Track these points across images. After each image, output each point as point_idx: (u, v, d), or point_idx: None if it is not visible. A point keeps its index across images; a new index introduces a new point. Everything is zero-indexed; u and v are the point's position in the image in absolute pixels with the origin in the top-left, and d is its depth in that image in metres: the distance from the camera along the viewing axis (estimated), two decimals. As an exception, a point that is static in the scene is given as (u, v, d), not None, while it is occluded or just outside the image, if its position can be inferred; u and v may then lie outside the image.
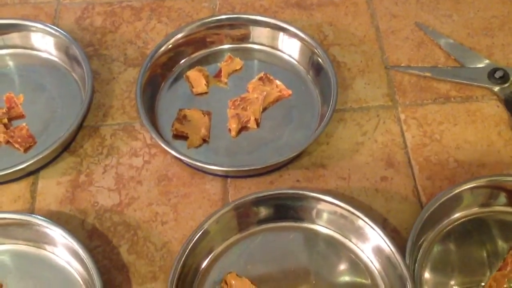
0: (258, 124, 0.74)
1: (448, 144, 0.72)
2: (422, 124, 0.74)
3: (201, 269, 0.63)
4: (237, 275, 0.62)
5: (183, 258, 0.60)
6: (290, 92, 0.76)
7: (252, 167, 0.67)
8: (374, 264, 0.62)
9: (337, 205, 0.61)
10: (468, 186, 0.64)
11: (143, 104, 0.73)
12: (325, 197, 0.62)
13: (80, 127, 0.75)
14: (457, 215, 0.65)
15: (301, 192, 0.63)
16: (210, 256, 0.64)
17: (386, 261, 0.60)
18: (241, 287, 0.62)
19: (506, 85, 0.74)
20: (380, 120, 0.74)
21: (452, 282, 0.62)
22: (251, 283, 0.62)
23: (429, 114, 0.75)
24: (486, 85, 0.75)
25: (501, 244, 0.64)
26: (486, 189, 0.64)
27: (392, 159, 0.71)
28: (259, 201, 0.63)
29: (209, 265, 0.63)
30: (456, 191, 0.63)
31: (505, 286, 0.61)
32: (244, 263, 0.63)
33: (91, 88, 0.73)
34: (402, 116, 0.75)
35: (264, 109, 0.75)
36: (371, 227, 0.60)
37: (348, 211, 0.61)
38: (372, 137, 0.73)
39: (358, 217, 0.61)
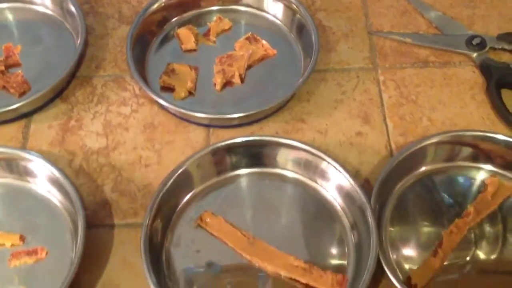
0: (242, 80, 0.77)
1: (423, 105, 0.75)
2: (399, 86, 0.77)
3: (179, 206, 0.66)
4: (212, 213, 0.65)
5: (161, 193, 0.63)
6: (275, 51, 0.79)
7: (234, 115, 0.70)
8: (338, 201, 0.65)
9: (304, 149, 0.65)
10: (434, 140, 0.66)
11: (133, 58, 0.76)
12: (293, 142, 0.66)
13: (73, 76, 0.78)
14: (423, 168, 0.68)
15: (271, 138, 0.67)
16: (188, 195, 0.67)
17: (348, 196, 0.64)
18: (216, 224, 0.65)
19: (483, 51, 0.77)
20: (360, 80, 0.78)
21: (415, 228, 0.64)
22: (225, 221, 0.65)
23: (407, 77, 0.78)
24: (464, 51, 0.78)
25: (463, 196, 0.66)
26: (450, 144, 0.67)
27: (368, 117, 0.74)
28: (235, 147, 0.66)
29: (187, 203, 0.67)
30: (423, 143, 0.66)
31: (465, 233, 0.63)
32: (220, 204, 0.67)
33: (84, 40, 0.77)
34: (381, 78, 0.78)
35: (250, 67, 0.79)
36: (334, 167, 0.64)
37: (314, 155, 0.65)
38: (351, 96, 0.76)
39: (323, 159, 0.64)
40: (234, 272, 0.63)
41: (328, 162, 0.64)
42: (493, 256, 0.62)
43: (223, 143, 0.66)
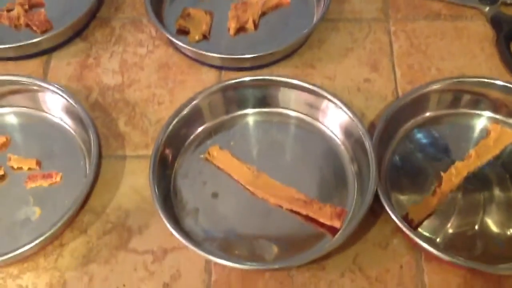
0: (256, 26, 0.79)
1: (432, 55, 0.76)
2: (410, 37, 0.78)
3: (188, 140, 0.69)
4: (220, 148, 0.68)
5: (170, 126, 0.66)
6: (289, 0, 0.81)
7: (245, 56, 0.72)
8: (339, 137, 0.68)
9: (306, 88, 0.67)
10: (438, 86, 0.68)
11: (151, 1, 0.78)
12: (296, 82, 0.68)
13: (93, 17, 0.81)
14: (427, 114, 0.69)
15: (276, 78, 0.69)
16: (198, 130, 0.70)
17: (348, 131, 0.66)
18: (222, 158, 0.67)
19: (495, 5, 0.78)
20: (371, 31, 0.79)
21: (417, 170, 0.66)
22: (231, 155, 0.67)
23: (418, 28, 0.79)
24: (476, 5, 0.79)
25: (465, 142, 0.68)
26: (453, 91, 0.68)
27: (377, 65, 0.76)
28: (243, 86, 0.69)
29: (196, 138, 0.70)
30: (427, 89, 0.67)
31: (464, 175, 0.65)
32: (227, 140, 0.69)
33: (105, -18, 0.79)
34: (392, 29, 0.79)
35: (264, 14, 0.81)
36: (335, 104, 0.67)
37: (316, 93, 0.67)
38: (362, 45, 0.78)
39: (324, 97, 0.67)
40: (238, 203, 0.65)
41: (329, 100, 0.66)
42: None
43: (232, 81, 0.68)
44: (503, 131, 0.67)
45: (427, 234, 0.62)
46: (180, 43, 0.74)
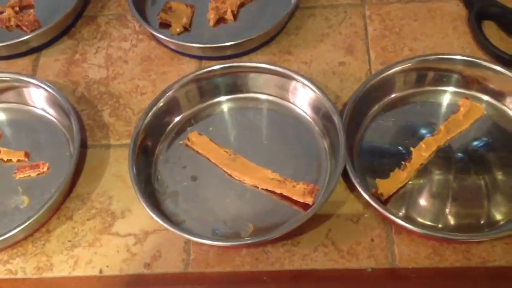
0: (235, 17, 0.82)
1: (405, 36, 0.78)
2: (384, 19, 0.80)
3: (168, 128, 0.72)
4: (198, 133, 0.71)
5: (148, 116, 0.69)
6: (267, -11, 0.83)
7: (223, 44, 0.74)
8: (309, 115, 0.71)
9: (274, 71, 0.70)
10: (402, 66, 0.70)
11: (134, -2, 0.82)
12: (261, 65, 0.71)
13: (80, 16, 0.84)
14: (394, 94, 0.71)
15: (245, 64, 0.72)
16: (177, 119, 0.73)
17: (317, 107, 0.69)
18: (201, 142, 0.70)
19: (467, -16, 0.79)
20: (347, 15, 0.81)
21: (388, 147, 0.68)
22: (210, 140, 0.70)
23: (392, 11, 0.81)
24: (449, -14, 0.80)
25: (436, 118, 0.69)
26: (418, 69, 0.70)
27: (352, 48, 0.78)
28: (215, 75, 0.72)
29: (175, 125, 0.72)
30: (393, 69, 0.69)
31: (433, 149, 0.67)
32: (205, 126, 0.72)
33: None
34: (368, 13, 0.81)
35: (243, 5, 0.83)
36: (302, 83, 0.69)
37: (284, 75, 0.70)
38: (337, 30, 0.80)
39: (292, 78, 0.70)
40: (216, 185, 0.67)
41: (296, 80, 0.69)
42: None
43: (202, 71, 0.71)
44: (472, 105, 0.69)
45: (398, 208, 0.63)
46: (160, 36, 0.77)
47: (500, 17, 0.76)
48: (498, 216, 0.62)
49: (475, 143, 0.67)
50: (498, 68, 0.67)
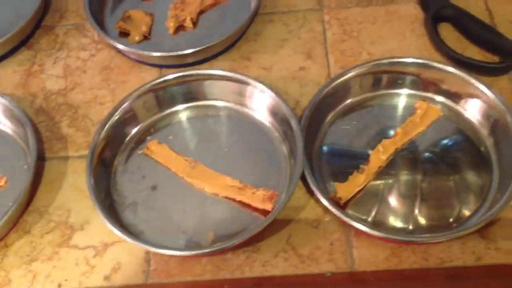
0: (194, 24, 0.82)
1: (364, 40, 0.78)
2: (343, 24, 0.80)
3: (127, 138, 0.71)
4: (158, 142, 0.70)
5: (106, 126, 0.68)
6: (227, -3, 0.84)
7: (181, 52, 0.74)
8: (268, 120, 0.71)
9: (229, 77, 0.70)
10: (357, 71, 0.70)
11: (93, 8, 0.81)
12: (216, 72, 0.71)
13: (38, 26, 0.84)
14: (350, 100, 0.72)
15: (199, 71, 0.72)
16: (135, 129, 0.72)
17: (275, 112, 0.69)
18: (160, 151, 0.70)
19: (424, -13, 0.80)
20: (306, 21, 0.81)
21: (347, 150, 0.68)
22: (169, 149, 0.70)
23: (351, 15, 0.81)
24: (406, -12, 0.81)
25: (393, 121, 0.70)
26: (373, 74, 0.71)
27: (311, 53, 0.78)
28: (170, 84, 0.72)
29: (134, 136, 0.72)
30: (348, 74, 0.70)
31: (391, 152, 0.67)
32: (166, 135, 0.72)
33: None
34: (327, 18, 0.81)
35: (202, 12, 0.83)
36: (259, 89, 0.69)
37: (239, 81, 0.70)
38: (297, 35, 0.80)
39: (247, 83, 0.70)
40: (176, 193, 0.67)
41: (252, 85, 0.69)
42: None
43: (156, 81, 0.71)
44: (429, 107, 0.69)
45: (359, 210, 0.63)
46: (118, 45, 0.77)
47: (455, 19, 0.77)
48: (451, 218, 0.62)
49: (432, 144, 0.68)
50: (451, 69, 0.68)
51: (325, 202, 0.61)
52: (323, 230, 0.63)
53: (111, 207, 0.66)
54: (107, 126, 0.69)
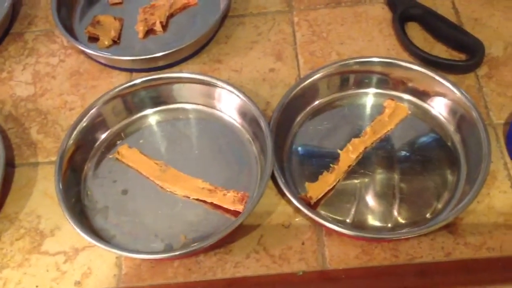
0: (164, 28, 0.82)
1: (333, 41, 0.79)
2: (312, 25, 0.81)
3: (96, 143, 0.71)
4: (128, 146, 0.70)
5: (74, 131, 0.68)
6: (196, 0, 0.84)
7: (151, 56, 0.74)
8: (238, 121, 0.71)
9: (197, 80, 0.70)
10: (327, 71, 0.70)
11: (61, 13, 0.81)
12: (184, 75, 0.71)
13: (6, 34, 0.83)
14: (318, 101, 0.72)
15: (168, 75, 0.72)
16: (105, 134, 0.72)
17: (244, 113, 0.69)
18: (131, 155, 0.70)
19: (393, -13, 0.81)
20: (276, 23, 0.82)
21: (317, 150, 0.68)
22: (140, 152, 0.69)
23: (319, 16, 0.82)
24: (373, -11, 0.82)
25: (363, 120, 0.70)
26: (341, 74, 0.71)
27: (281, 54, 0.78)
28: (138, 88, 0.72)
29: (104, 141, 0.71)
30: (317, 74, 0.70)
31: (360, 150, 0.68)
32: (137, 139, 0.71)
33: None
34: (296, 19, 0.82)
35: (172, 16, 0.83)
36: (228, 90, 0.69)
37: (207, 83, 0.70)
38: (266, 37, 0.80)
39: (216, 85, 0.70)
40: (147, 197, 0.67)
41: (221, 87, 0.69)
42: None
43: (123, 86, 0.71)
44: (397, 106, 0.70)
45: (328, 211, 0.64)
46: (87, 50, 0.76)
47: (422, 18, 0.77)
48: (426, 214, 0.63)
49: (401, 142, 0.68)
50: (417, 68, 0.68)
51: (295, 202, 0.61)
52: (295, 230, 0.64)
53: (82, 212, 0.66)
54: (75, 131, 0.68)
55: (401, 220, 0.63)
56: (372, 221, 0.63)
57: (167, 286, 0.61)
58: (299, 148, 0.68)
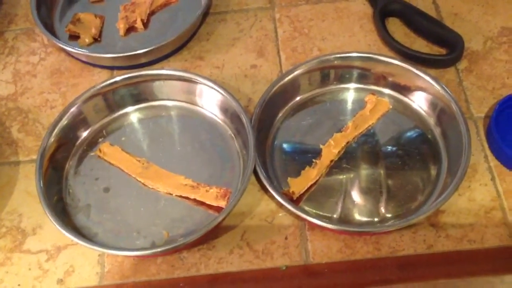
0: (145, 26, 0.81)
1: (314, 37, 0.79)
2: (293, 21, 0.81)
3: (78, 141, 0.71)
4: (110, 144, 0.70)
5: (55, 129, 0.67)
6: (177, -3, 0.83)
7: (132, 53, 0.74)
8: (219, 117, 0.71)
9: (177, 77, 0.70)
10: (307, 67, 0.71)
11: (41, 12, 0.80)
12: (164, 72, 0.71)
13: (-14, 33, 0.82)
14: (299, 96, 0.72)
15: (148, 72, 0.71)
16: (86, 132, 0.71)
17: (225, 108, 0.69)
18: (113, 153, 0.69)
19: (371, -18, 0.81)
20: (257, 19, 0.82)
21: (300, 146, 0.69)
22: (122, 150, 0.69)
23: (301, 13, 0.82)
24: (354, -15, 0.82)
25: (345, 115, 0.71)
26: (321, 70, 0.71)
27: (263, 51, 0.78)
28: (119, 86, 0.71)
29: (86, 139, 0.71)
30: (298, 70, 0.70)
31: (342, 145, 0.68)
32: (119, 136, 0.71)
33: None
34: (277, 16, 0.82)
35: (153, 13, 0.83)
36: (208, 86, 0.69)
37: (187, 79, 0.70)
38: (248, 34, 0.80)
39: (196, 82, 0.70)
40: (130, 194, 0.66)
41: (201, 83, 0.69)
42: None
43: (104, 83, 0.70)
44: (378, 101, 0.70)
45: (311, 206, 0.64)
46: (68, 48, 0.76)
47: (402, 13, 0.78)
48: (407, 207, 0.63)
49: (383, 136, 0.69)
50: (397, 62, 0.69)
51: (278, 197, 0.61)
52: (278, 225, 0.64)
53: (63, 211, 0.65)
54: (56, 129, 0.68)
55: (384, 214, 0.63)
56: (356, 215, 0.63)
57: (150, 283, 0.61)
58: (282, 144, 0.68)
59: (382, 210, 0.63)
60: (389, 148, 0.67)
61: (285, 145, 0.68)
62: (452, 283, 0.61)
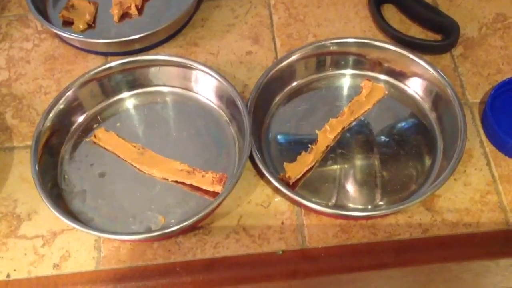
0: (140, 12, 0.81)
1: (309, 23, 0.79)
2: (289, 8, 0.81)
3: (73, 127, 0.70)
4: (105, 129, 0.70)
5: (50, 114, 0.67)
6: (172, -17, 0.83)
7: (126, 38, 0.73)
8: (214, 103, 0.71)
9: (173, 62, 0.70)
10: (303, 52, 0.71)
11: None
12: (160, 57, 0.71)
13: (-22, 19, 0.82)
14: (296, 82, 0.72)
15: (143, 57, 0.71)
16: (82, 117, 0.71)
17: (221, 94, 0.69)
18: (108, 139, 0.69)
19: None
20: (252, 5, 0.82)
21: (293, 131, 0.68)
22: (117, 136, 0.69)
23: (296, -1, 0.82)
24: (348, -29, 0.82)
25: (341, 101, 0.71)
26: (317, 55, 0.71)
27: (258, 37, 0.78)
28: (114, 71, 0.71)
29: (81, 124, 0.71)
30: (294, 55, 0.70)
31: (338, 131, 0.68)
32: (114, 122, 0.71)
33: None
34: (272, 2, 0.82)
35: (147, -1, 0.82)
36: (203, 71, 0.69)
37: (183, 65, 0.70)
38: (243, 20, 0.80)
39: (192, 67, 0.70)
40: (125, 180, 0.66)
41: (198, 69, 0.69)
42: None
43: (99, 68, 0.70)
44: (374, 86, 0.70)
45: (307, 191, 0.64)
46: (62, 33, 0.75)
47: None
48: (404, 192, 0.63)
49: (379, 122, 0.69)
50: (392, 47, 0.69)
51: (274, 182, 0.61)
52: (274, 209, 0.64)
53: (59, 196, 0.65)
54: (51, 114, 0.67)
55: (380, 200, 0.63)
56: (352, 201, 0.63)
57: (146, 268, 0.61)
58: (277, 130, 0.68)
59: (378, 195, 0.63)
60: (385, 133, 0.68)
61: (281, 131, 0.68)
62: (448, 267, 0.61)
